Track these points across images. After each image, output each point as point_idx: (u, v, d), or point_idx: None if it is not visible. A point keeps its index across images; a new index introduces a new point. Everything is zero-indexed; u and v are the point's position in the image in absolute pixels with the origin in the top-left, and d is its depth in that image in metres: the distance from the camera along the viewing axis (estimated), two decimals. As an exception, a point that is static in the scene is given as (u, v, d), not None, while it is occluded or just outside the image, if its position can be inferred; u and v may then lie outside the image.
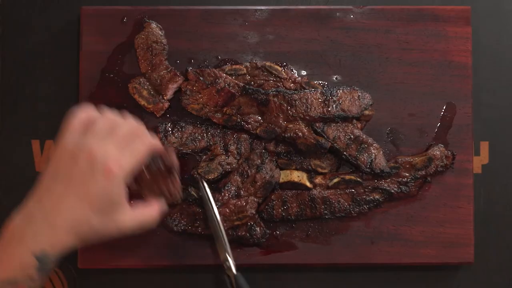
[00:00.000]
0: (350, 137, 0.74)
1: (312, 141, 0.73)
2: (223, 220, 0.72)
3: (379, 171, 0.74)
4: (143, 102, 0.75)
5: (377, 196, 0.75)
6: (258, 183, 0.73)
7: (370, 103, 0.75)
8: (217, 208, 0.72)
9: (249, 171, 0.73)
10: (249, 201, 0.73)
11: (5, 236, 0.57)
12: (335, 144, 0.74)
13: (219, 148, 0.75)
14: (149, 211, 0.63)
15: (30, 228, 0.56)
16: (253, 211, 0.72)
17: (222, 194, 0.73)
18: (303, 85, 0.75)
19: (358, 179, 0.75)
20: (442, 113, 0.77)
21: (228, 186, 0.73)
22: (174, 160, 0.65)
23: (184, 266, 0.76)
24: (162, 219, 0.68)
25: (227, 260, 0.72)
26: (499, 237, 0.78)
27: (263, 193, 0.73)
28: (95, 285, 0.77)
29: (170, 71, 0.75)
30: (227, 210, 0.72)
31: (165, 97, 0.75)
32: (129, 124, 0.61)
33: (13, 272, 0.56)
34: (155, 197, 0.65)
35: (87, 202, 0.58)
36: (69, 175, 0.58)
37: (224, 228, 0.72)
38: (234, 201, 0.72)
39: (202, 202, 0.73)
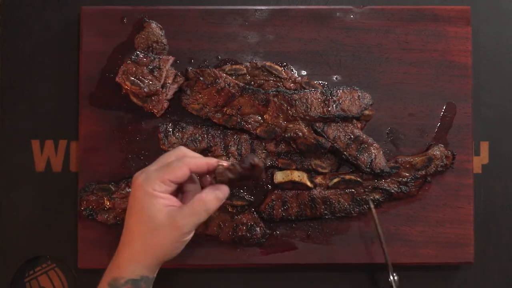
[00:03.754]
0: (350, 137, 0.74)
1: (312, 141, 0.73)
2: None
3: (379, 171, 0.74)
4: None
5: (377, 196, 0.75)
6: None
7: (370, 103, 0.75)
8: None
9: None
10: None
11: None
12: (335, 144, 0.74)
13: (219, 149, 0.75)
14: (198, 202, 0.62)
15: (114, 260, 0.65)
16: None
17: None
18: (303, 85, 0.75)
19: (358, 179, 0.75)
20: (442, 113, 0.77)
21: None
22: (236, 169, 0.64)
23: (186, 266, 0.76)
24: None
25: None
26: (499, 237, 0.78)
27: None
28: (95, 285, 0.77)
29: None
30: None
31: (163, 96, 0.75)
32: (174, 151, 0.65)
33: None
34: None
35: (143, 224, 0.62)
36: (130, 207, 0.64)
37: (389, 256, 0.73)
38: None
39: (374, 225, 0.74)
